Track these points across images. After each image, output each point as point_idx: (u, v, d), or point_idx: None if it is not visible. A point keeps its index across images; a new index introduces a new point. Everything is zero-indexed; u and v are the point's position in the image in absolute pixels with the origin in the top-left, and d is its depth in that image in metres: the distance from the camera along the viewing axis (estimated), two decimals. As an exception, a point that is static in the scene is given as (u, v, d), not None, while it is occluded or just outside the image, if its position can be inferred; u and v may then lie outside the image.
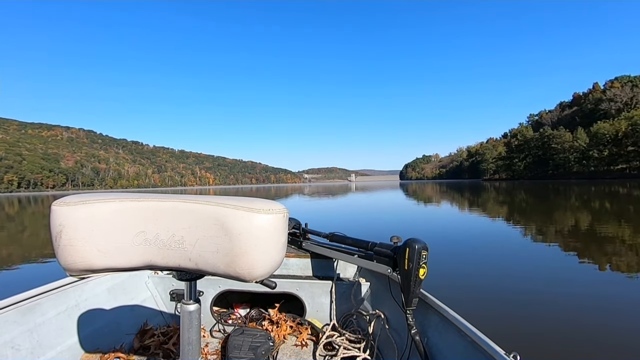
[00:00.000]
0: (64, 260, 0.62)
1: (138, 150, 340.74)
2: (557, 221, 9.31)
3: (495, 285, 3.84)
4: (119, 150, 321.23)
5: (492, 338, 0.92)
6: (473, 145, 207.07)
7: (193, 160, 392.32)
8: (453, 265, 4.74)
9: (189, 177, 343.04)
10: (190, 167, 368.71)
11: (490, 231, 7.94)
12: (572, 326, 2.74)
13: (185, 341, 0.72)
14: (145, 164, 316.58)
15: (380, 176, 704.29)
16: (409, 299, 1.20)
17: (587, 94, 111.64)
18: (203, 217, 0.62)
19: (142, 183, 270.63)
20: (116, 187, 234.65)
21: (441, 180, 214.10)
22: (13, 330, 1.12)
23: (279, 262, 0.68)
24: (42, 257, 6.12)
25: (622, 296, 3.41)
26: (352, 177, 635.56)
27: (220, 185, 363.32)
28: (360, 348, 1.48)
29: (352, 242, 1.56)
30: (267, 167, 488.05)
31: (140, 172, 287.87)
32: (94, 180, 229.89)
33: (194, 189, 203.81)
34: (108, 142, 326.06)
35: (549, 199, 18.98)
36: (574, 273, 4.26)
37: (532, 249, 5.91)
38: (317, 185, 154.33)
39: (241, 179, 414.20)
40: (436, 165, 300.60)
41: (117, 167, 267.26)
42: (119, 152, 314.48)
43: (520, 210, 13.07)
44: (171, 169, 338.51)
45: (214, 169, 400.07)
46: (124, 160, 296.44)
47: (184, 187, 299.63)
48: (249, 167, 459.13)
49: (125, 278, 1.68)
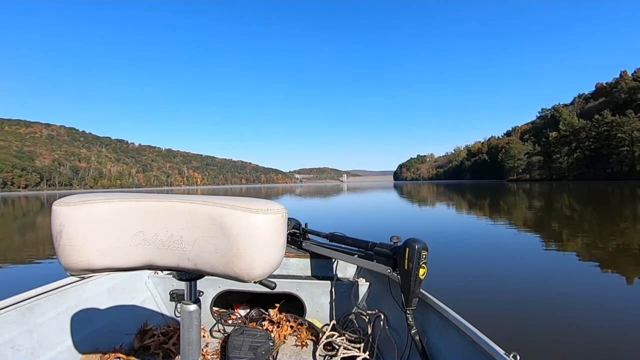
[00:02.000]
0: (65, 260, 0.62)
1: (123, 149, 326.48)
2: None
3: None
4: (102, 148, 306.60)
5: (492, 338, 0.92)
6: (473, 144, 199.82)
7: (181, 159, 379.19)
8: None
9: (175, 176, 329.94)
10: (177, 166, 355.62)
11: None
12: (572, 326, 2.75)
13: (185, 341, 0.72)
14: (130, 163, 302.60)
15: (372, 177, 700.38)
16: (408, 299, 1.20)
17: (614, 83, 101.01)
18: (201, 217, 0.62)
19: (125, 183, 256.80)
20: (97, 187, 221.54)
21: (439, 180, 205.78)
22: (13, 331, 1.11)
23: (278, 263, 0.67)
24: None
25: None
26: (343, 177, 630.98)
27: (208, 185, 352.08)
28: (360, 348, 1.48)
29: (352, 242, 1.56)
30: (257, 167, 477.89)
31: (123, 171, 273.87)
32: (72, 179, 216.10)
33: (181, 189, 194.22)
34: (91, 140, 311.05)
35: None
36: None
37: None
38: (309, 186, 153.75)
39: (230, 179, 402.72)
40: (432, 165, 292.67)
41: (99, 166, 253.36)
42: (102, 151, 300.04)
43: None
44: (157, 168, 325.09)
45: (202, 169, 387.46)
46: (106, 159, 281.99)
47: (170, 187, 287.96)
48: (239, 166, 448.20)
49: (125, 278, 1.68)
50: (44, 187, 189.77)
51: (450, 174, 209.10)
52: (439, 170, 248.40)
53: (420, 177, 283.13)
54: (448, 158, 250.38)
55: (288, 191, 51.81)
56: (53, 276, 1.30)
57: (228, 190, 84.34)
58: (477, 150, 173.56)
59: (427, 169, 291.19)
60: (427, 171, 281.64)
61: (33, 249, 7.12)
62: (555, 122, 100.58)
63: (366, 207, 15.86)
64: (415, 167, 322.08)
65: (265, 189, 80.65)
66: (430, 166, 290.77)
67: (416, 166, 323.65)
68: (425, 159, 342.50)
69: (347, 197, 26.21)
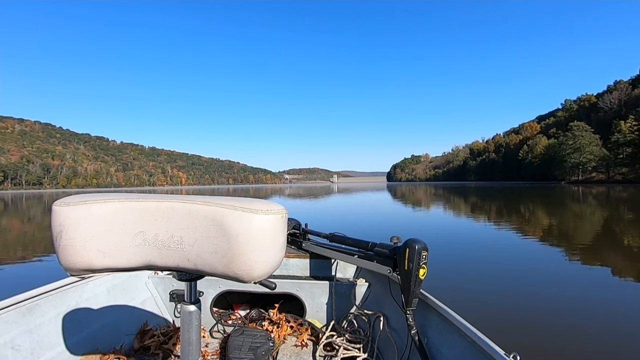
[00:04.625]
0: (65, 260, 0.62)
1: (102, 147, 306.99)
2: None
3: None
4: (80, 145, 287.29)
5: (492, 338, 0.91)
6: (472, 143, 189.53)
7: (165, 158, 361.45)
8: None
9: (158, 176, 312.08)
10: (161, 165, 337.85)
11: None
12: (573, 327, 2.75)
13: (186, 342, 0.72)
14: (109, 162, 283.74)
15: (363, 177, 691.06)
16: (409, 299, 1.20)
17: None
18: (201, 218, 0.62)
19: (103, 182, 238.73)
20: (70, 186, 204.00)
21: (438, 182, 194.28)
22: (13, 331, 1.11)
23: (278, 263, 0.67)
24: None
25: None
26: (334, 178, 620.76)
27: (194, 185, 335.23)
28: (360, 348, 1.48)
29: (352, 243, 1.56)
30: (245, 166, 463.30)
31: (101, 169, 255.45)
32: (42, 178, 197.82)
33: (164, 189, 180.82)
34: (68, 136, 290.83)
35: None
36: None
37: None
38: (298, 186, 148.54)
39: (217, 179, 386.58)
40: (428, 165, 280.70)
41: (74, 164, 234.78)
42: (80, 148, 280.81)
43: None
44: (139, 167, 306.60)
45: (187, 168, 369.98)
46: (84, 156, 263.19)
47: (152, 186, 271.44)
48: (227, 166, 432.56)
49: (125, 278, 1.68)
50: (9, 186, 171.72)
51: (451, 174, 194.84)
52: (437, 170, 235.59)
53: (416, 178, 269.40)
54: (446, 158, 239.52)
55: (277, 192, 50.06)
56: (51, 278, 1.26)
57: (215, 191, 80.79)
58: (482, 149, 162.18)
59: (423, 169, 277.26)
60: (423, 172, 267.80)
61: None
62: (587, 113, 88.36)
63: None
64: (410, 168, 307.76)
65: (253, 190, 78.76)
66: (427, 166, 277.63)
67: (411, 167, 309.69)
68: (420, 159, 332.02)
69: (338, 200, 24.51)
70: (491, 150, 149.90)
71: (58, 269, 0.63)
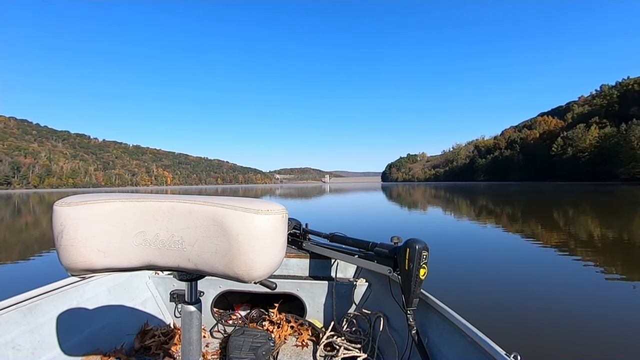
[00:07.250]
0: (65, 260, 0.62)
1: (83, 144, 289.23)
2: None
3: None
4: (58, 143, 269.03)
5: (492, 338, 0.91)
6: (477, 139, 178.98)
7: (150, 157, 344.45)
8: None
9: (142, 175, 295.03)
10: (145, 164, 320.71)
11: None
12: (573, 327, 2.75)
13: (186, 342, 0.72)
14: (89, 160, 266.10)
15: (356, 177, 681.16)
16: (409, 299, 1.20)
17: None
18: (202, 218, 0.62)
19: (80, 182, 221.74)
20: (42, 186, 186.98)
21: (440, 182, 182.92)
22: (14, 331, 1.11)
23: (278, 263, 0.67)
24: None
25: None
26: (326, 178, 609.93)
27: (180, 185, 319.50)
28: (361, 348, 1.48)
29: (352, 243, 1.56)
30: (235, 166, 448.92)
31: (79, 168, 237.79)
32: (10, 177, 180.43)
33: (149, 189, 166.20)
34: (45, 133, 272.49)
35: None
36: None
37: None
38: (289, 187, 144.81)
39: (205, 179, 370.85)
40: (426, 164, 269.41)
41: (48, 162, 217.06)
42: (57, 146, 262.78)
43: None
44: (121, 166, 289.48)
45: (173, 167, 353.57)
46: (60, 154, 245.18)
47: (135, 186, 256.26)
48: (215, 166, 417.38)
49: (126, 278, 1.68)
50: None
51: (455, 174, 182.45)
52: (438, 170, 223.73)
53: (414, 177, 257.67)
54: (445, 157, 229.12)
55: (267, 192, 49.42)
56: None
57: (202, 191, 76.74)
58: (492, 146, 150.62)
59: (421, 168, 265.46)
60: (422, 171, 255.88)
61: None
62: (637, 97, 76.02)
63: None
64: (406, 167, 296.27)
65: (243, 190, 77.51)
66: (425, 166, 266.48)
67: (407, 166, 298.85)
68: (417, 158, 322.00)
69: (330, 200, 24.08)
70: (502, 146, 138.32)
71: (62, 268, 0.64)
